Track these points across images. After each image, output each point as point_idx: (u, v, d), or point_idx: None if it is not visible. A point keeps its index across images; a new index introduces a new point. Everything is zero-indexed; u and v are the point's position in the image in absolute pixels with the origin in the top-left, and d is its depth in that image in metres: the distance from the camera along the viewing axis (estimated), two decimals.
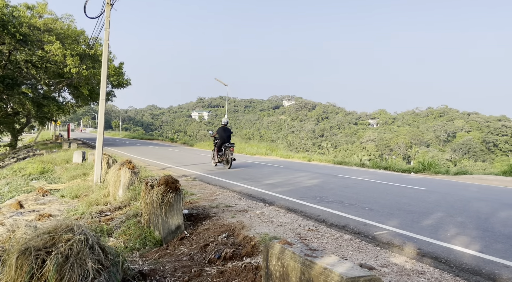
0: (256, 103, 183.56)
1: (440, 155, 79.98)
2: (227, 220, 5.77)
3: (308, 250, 3.00)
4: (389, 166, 16.36)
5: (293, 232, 5.11)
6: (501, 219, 6.03)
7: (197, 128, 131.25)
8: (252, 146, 27.85)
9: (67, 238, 3.56)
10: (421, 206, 6.92)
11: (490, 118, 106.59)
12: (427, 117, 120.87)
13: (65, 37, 22.65)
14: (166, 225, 5.42)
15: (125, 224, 6.25)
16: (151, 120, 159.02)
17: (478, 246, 4.47)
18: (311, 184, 9.70)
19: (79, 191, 9.46)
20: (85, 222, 6.70)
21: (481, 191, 9.34)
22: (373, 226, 5.42)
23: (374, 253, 4.29)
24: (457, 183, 11.36)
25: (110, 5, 9.78)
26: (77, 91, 26.69)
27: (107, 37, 9.81)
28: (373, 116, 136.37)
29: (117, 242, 5.56)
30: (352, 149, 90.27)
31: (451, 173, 14.44)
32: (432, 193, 8.58)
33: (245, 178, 10.59)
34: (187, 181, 9.87)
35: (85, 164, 13.60)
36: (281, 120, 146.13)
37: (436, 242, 4.64)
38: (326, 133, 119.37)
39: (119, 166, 8.42)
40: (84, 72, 21.46)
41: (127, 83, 27.72)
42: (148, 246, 5.39)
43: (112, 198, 8.23)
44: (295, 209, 6.57)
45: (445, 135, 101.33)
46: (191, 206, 6.81)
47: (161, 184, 5.49)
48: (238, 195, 7.85)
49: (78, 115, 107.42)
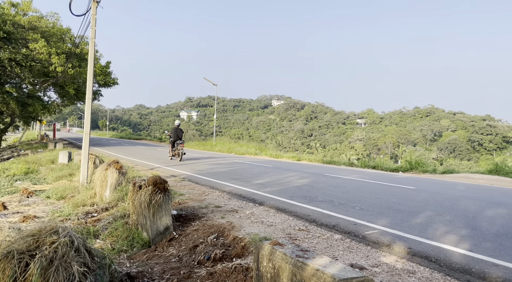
0: (245, 103, 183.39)
1: (426, 154, 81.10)
2: (216, 221, 5.70)
3: (300, 251, 2.96)
4: (378, 165, 16.48)
5: (284, 232, 5.07)
6: (489, 217, 6.10)
7: (186, 128, 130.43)
8: (242, 145, 27.79)
9: (52, 240, 3.46)
10: (410, 205, 6.96)
11: (475, 117, 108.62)
12: (414, 116, 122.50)
13: (50, 35, 22.22)
14: (154, 226, 5.33)
15: (112, 226, 6.13)
16: (139, 119, 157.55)
17: (467, 245, 4.50)
18: (301, 183, 9.69)
19: (65, 192, 9.27)
20: (71, 223, 6.55)
21: (468, 190, 9.46)
22: (363, 225, 5.42)
23: (365, 252, 4.28)
24: (444, 182, 11.49)
25: (96, 3, 9.60)
26: (63, 90, 26.18)
27: (93, 35, 9.63)
28: (361, 116, 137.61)
29: (104, 244, 5.44)
30: (341, 149, 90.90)
31: (438, 172, 14.61)
32: (421, 192, 8.64)
33: (235, 178, 10.52)
34: (176, 181, 9.76)
35: (71, 165, 13.34)
36: (270, 119, 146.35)
37: (426, 241, 4.65)
38: (315, 133, 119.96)
39: (106, 166, 8.26)
40: (70, 71, 21.07)
41: (114, 83, 27.32)
42: (136, 247, 5.29)
43: (99, 199, 8.08)
44: (285, 209, 6.53)
45: (432, 134, 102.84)
46: (180, 207, 6.72)
47: (149, 185, 5.39)
48: (228, 195, 7.78)
49: (64, 114, 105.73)
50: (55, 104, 29.90)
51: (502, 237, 4.85)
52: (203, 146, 29.33)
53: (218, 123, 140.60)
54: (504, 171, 13.34)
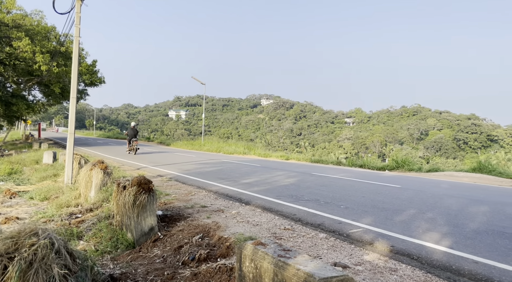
0: (234, 102, 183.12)
1: (413, 153, 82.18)
2: (202, 221, 5.68)
3: (282, 251, 2.97)
4: (365, 164, 16.63)
5: (269, 232, 5.08)
6: (470, 215, 6.21)
7: (174, 127, 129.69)
8: (230, 145, 27.76)
9: (31, 242, 3.40)
10: (394, 203, 7.04)
11: (461, 116, 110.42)
12: (401, 115, 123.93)
13: (35, 33, 21.80)
14: (139, 227, 5.28)
15: (97, 227, 6.06)
16: (127, 119, 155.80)
17: (448, 242, 4.57)
18: (288, 183, 9.72)
19: (49, 192, 9.12)
20: (54, 225, 6.45)
21: (452, 188, 9.62)
22: (348, 224, 5.46)
23: (349, 251, 4.32)
24: (429, 180, 11.66)
25: (80, 1, 9.46)
26: (48, 90, 25.73)
27: (77, 33, 9.49)
28: (349, 115, 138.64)
29: (88, 246, 5.38)
30: (329, 148, 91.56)
31: (424, 170, 14.82)
32: (406, 190, 8.75)
33: (222, 177, 10.50)
34: (163, 181, 9.69)
35: (55, 165, 13.14)
36: (260, 119, 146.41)
37: (409, 239, 4.71)
38: (304, 132, 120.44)
39: (91, 167, 8.16)
40: (55, 69, 20.73)
41: (100, 81, 26.96)
42: (120, 249, 5.23)
43: (84, 199, 7.98)
44: (272, 208, 6.55)
45: (418, 133, 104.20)
46: (165, 207, 6.68)
47: (133, 185, 5.34)
48: (214, 195, 7.76)
49: (50, 114, 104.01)
50: (40, 103, 29.39)
51: (482, 234, 4.95)
52: (191, 145, 29.21)
53: (207, 123, 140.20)
54: (487, 169, 13.61)
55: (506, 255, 4.13)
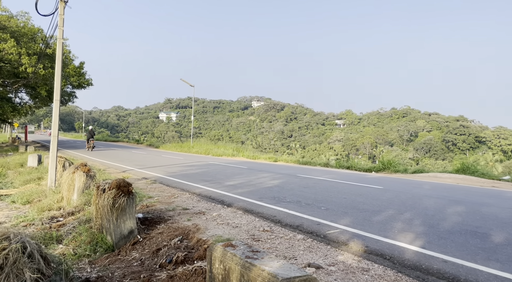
0: (225, 104, 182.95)
1: (403, 154, 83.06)
2: (182, 223, 5.70)
3: (250, 252, 3.01)
4: (352, 166, 16.78)
5: (248, 234, 5.13)
6: (446, 215, 6.33)
7: (165, 129, 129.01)
8: (219, 147, 27.76)
9: (2, 247, 3.40)
10: (374, 204, 7.14)
11: (449, 118, 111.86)
12: (391, 117, 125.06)
13: (21, 35, 21.59)
14: (118, 230, 5.28)
15: (77, 230, 6.03)
16: (117, 121, 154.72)
17: (421, 242, 4.67)
18: (272, 184, 9.78)
19: (31, 196, 9.04)
20: (34, 229, 6.41)
21: (433, 189, 9.77)
22: (326, 225, 5.54)
23: (324, 252, 4.38)
24: (412, 181, 11.82)
25: (64, 2, 9.42)
26: (34, 92, 25.48)
27: (61, 35, 9.45)
28: (340, 117, 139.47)
29: (66, 249, 5.36)
30: (320, 149, 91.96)
31: (409, 172, 15.02)
32: (387, 192, 8.88)
33: (207, 179, 10.52)
34: (147, 183, 9.68)
35: (40, 168, 13.02)
36: (250, 121, 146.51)
37: (383, 239, 4.80)
38: (294, 134, 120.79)
39: (74, 170, 8.12)
40: (41, 71, 20.53)
41: (88, 84, 26.74)
42: (99, 252, 5.23)
43: (66, 203, 7.93)
44: (253, 210, 6.59)
45: (408, 134, 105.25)
46: (147, 210, 6.68)
47: (112, 188, 5.34)
48: (197, 198, 7.78)
49: (38, 116, 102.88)
50: (27, 106, 29.07)
51: (455, 234, 5.06)
52: (180, 148, 29.13)
53: (198, 125, 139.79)
54: (470, 170, 13.84)
55: (475, 254, 4.24)
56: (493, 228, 5.43)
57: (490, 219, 6.08)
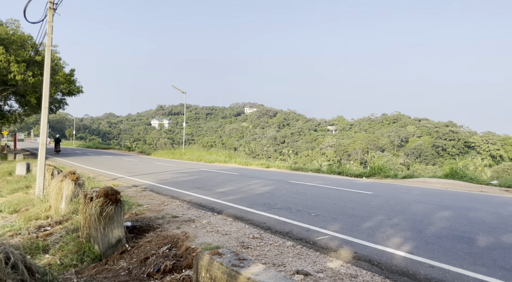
0: (217, 111, 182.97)
1: (394, 160, 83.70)
2: (171, 231, 5.66)
3: (237, 260, 3.01)
4: (343, 171, 16.86)
5: (237, 241, 5.11)
6: (434, 220, 6.38)
7: (157, 136, 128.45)
8: (211, 153, 27.68)
9: None
10: (364, 210, 7.17)
11: (439, 124, 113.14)
12: (382, 123, 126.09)
13: (10, 42, 21.42)
14: (105, 239, 5.23)
15: (64, 239, 5.96)
16: (109, 128, 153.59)
17: (409, 248, 4.70)
18: (263, 191, 9.77)
19: (18, 205, 8.92)
20: (20, 238, 6.32)
21: (422, 194, 9.85)
22: (316, 231, 5.54)
23: (313, 258, 4.38)
24: (402, 186, 11.91)
25: (53, 10, 9.39)
26: (24, 100, 25.22)
27: (49, 42, 9.40)
28: (331, 123, 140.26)
29: (53, 259, 5.28)
30: (312, 155, 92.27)
31: (399, 177, 15.12)
32: (377, 197, 8.92)
33: (198, 187, 10.48)
34: (137, 191, 9.61)
35: (29, 176, 12.86)
36: (243, 127, 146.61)
37: (372, 245, 4.82)
38: (287, 140, 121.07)
39: (62, 178, 8.03)
40: (30, 79, 20.36)
41: (78, 91, 26.54)
42: (86, 262, 5.16)
43: (54, 212, 7.83)
44: (243, 217, 6.58)
45: (399, 140, 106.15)
46: (136, 218, 6.63)
47: (100, 196, 5.29)
48: (187, 205, 7.74)
49: (28, 124, 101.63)
50: (16, 113, 28.76)
51: (443, 239, 5.10)
52: (172, 154, 28.98)
53: (190, 131, 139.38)
54: (459, 175, 13.99)
55: (461, 259, 4.28)
56: (479, 233, 5.48)
57: (477, 223, 6.14)
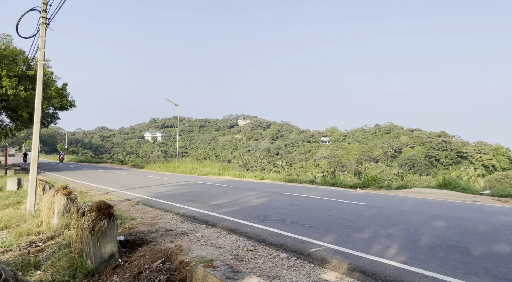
0: (211, 123, 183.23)
1: (388, 170, 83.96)
2: (165, 245, 5.62)
3: (231, 273, 3.00)
4: (337, 183, 16.89)
5: (231, 254, 5.08)
6: (427, 230, 6.41)
7: (150, 149, 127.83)
8: (205, 166, 27.60)
9: None
10: (358, 221, 7.19)
11: (431, 134, 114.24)
12: (375, 134, 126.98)
13: (2, 57, 21.38)
14: (98, 254, 5.17)
15: (56, 255, 5.88)
16: (101, 142, 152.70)
17: (403, 258, 4.71)
18: (257, 203, 9.75)
19: (9, 221, 8.79)
20: (11, 255, 6.22)
21: (415, 204, 9.89)
22: (310, 243, 5.54)
23: (308, 270, 4.37)
24: (396, 197, 11.95)
25: (45, 25, 9.44)
26: (15, 114, 25.09)
27: (42, 57, 9.43)
28: (325, 134, 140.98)
29: (45, 275, 5.21)
30: (306, 167, 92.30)
31: (393, 188, 15.19)
32: (371, 208, 8.95)
33: (191, 199, 10.43)
34: (130, 205, 9.53)
35: (20, 192, 12.71)
36: (237, 139, 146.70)
37: (366, 256, 4.82)
38: (281, 151, 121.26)
39: (54, 193, 7.95)
40: (22, 94, 20.29)
41: (71, 105, 26.48)
42: (78, 277, 5.09)
43: (46, 227, 7.72)
44: (237, 229, 6.55)
45: (392, 150, 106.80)
46: (129, 232, 6.57)
47: (92, 211, 5.25)
48: (181, 218, 7.69)
49: (20, 139, 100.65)
50: (8, 128, 28.53)
51: (436, 249, 5.12)
52: (165, 168, 28.84)
53: (184, 144, 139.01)
54: (451, 185, 14.09)
55: (455, 268, 4.30)
56: (472, 242, 5.52)
57: (470, 233, 6.18)
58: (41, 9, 9.50)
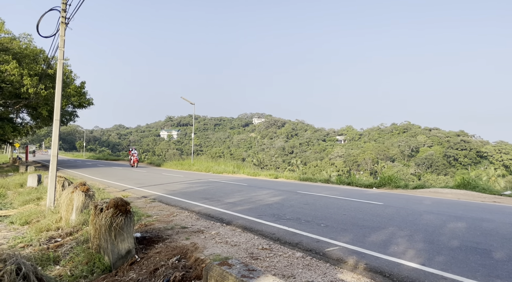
0: (226, 121, 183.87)
1: (405, 170, 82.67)
2: (180, 242, 5.66)
3: (246, 271, 2.99)
4: (352, 182, 16.71)
5: (246, 252, 5.08)
6: (446, 231, 6.27)
7: (166, 147, 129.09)
8: (219, 164, 27.71)
9: None
10: (374, 221, 7.09)
11: (450, 133, 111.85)
12: (392, 133, 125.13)
13: (23, 56, 21.94)
14: (115, 250, 5.24)
15: (74, 251, 5.99)
16: (118, 140, 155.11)
17: (421, 259, 4.62)
18: (272, 201, 9.73)
19: (30, 216, 9.00)
20: (31, 249, 6.37)
21: (434, 204, 9.70)
22: (326, 242, 5.49)
23: (323, 270, 4.33)
24: (413, 197, 11.75)
25: (65, 24, 9.61)
26: (36, 112, 25.72)
27: (61, 56, 9.61)
28: (340, 133, 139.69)
29: (64, 270, 5.31)
30: (321, 165, 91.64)
31: (410, 187, 14.93)
32: (387, 208, 8.82)
33: (206, 197, 10.48)
34: (146, 202, 9.64)
35: (40, 188, 13.00)
36: (251, 137, 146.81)
37: (383, 256, 4.75)
38: (295, 150, 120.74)
39: (72, 189, 8.11)
40: (43, 92, 20.77)
41: (89, 103, 27.01)
42: (96, 273, 5.17)
43: (65, 223, 7.89)
44: (252, 228, 6.55)
45: (409, 150, 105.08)
46: (145, 229, 6.64)
47: (110, 207, 5.33)
48: (196, 216, 7.74)
49: (40, 136, 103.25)
50: (28, 126, 29.27)
51: (456, 250, 5.00)
52: (181, 165, 29.10)
53: (199, 142, 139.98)
54: (471, 186, 13.75)
55: (475, 270, 4.19)
56: (493, 244, 5.37)
57: (490, 235, 6.02)
58: (61, 9, 9.68)
